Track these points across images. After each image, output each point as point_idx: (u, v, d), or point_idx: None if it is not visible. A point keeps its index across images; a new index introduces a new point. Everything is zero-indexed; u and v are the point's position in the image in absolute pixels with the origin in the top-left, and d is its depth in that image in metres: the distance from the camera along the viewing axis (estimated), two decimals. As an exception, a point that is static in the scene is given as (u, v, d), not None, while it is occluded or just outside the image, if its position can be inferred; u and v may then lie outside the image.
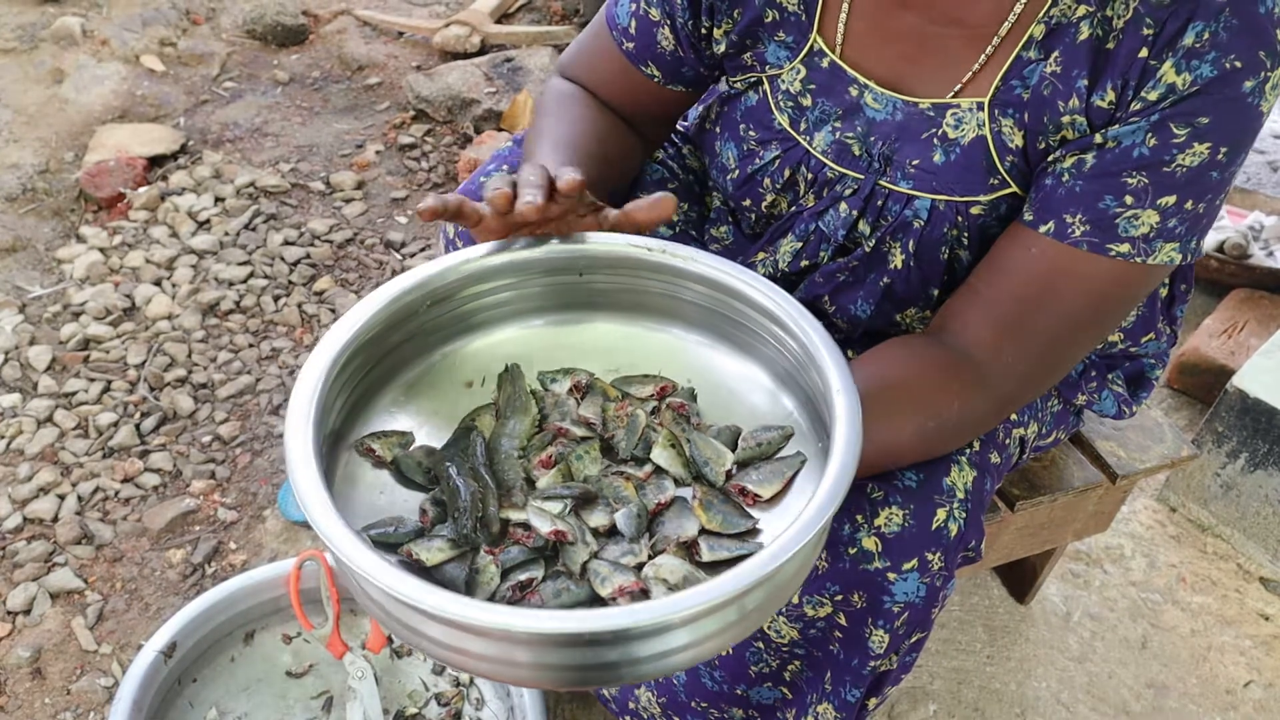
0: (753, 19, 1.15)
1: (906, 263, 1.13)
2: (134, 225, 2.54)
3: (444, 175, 2.74)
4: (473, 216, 0.96)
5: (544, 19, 3.33)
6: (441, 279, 0.98)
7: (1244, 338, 2.37)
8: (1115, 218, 0.99)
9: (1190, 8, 0.94)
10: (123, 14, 3.22)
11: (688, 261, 0.98)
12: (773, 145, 1.18)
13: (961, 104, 1.06)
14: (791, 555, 0.73)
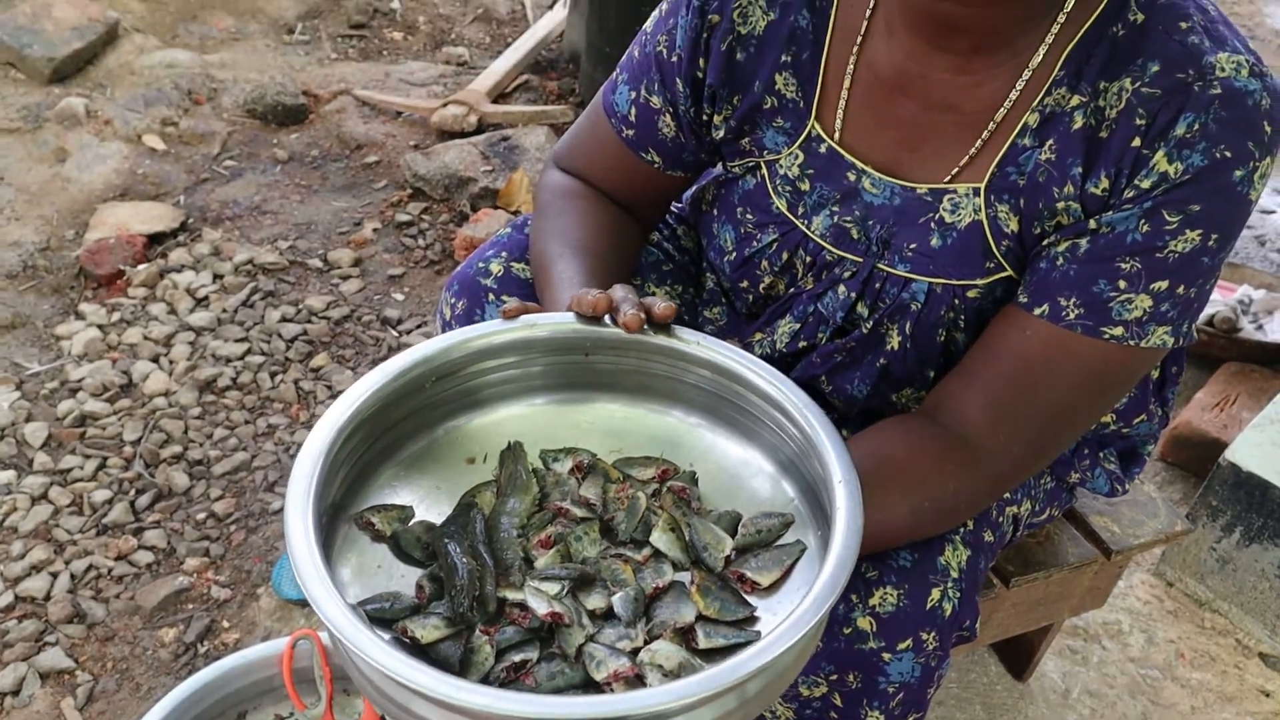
0: (752, 105, 1.17)
1: (903, 344, 1.15)
2: (133, 302, 2.56)
3: (440, 253, 2.77)
4: None
5: (540, 98, 3.39)
6: (446, 355, 0.99)
7: (1236, 411, 2.38)
8: (1109, 301, 1.01)
9: (1181, 100, 0.97)
10: (126, 94, 3.28)
11: (692, 345, 0.99)
12: (771, 229, 1.20)
13: (958, 189, 1.08)
14: (790, 645, 0.73)
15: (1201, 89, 0.96)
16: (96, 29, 3.40)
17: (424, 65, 3.62)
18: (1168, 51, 0.98)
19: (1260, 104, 0.97)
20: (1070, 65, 1.03)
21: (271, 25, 3.80)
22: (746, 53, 1.16)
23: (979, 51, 1.05)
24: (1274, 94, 0.98)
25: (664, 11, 1.22)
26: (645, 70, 1.23)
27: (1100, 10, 1.02)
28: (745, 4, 1.15)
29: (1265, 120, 0.97)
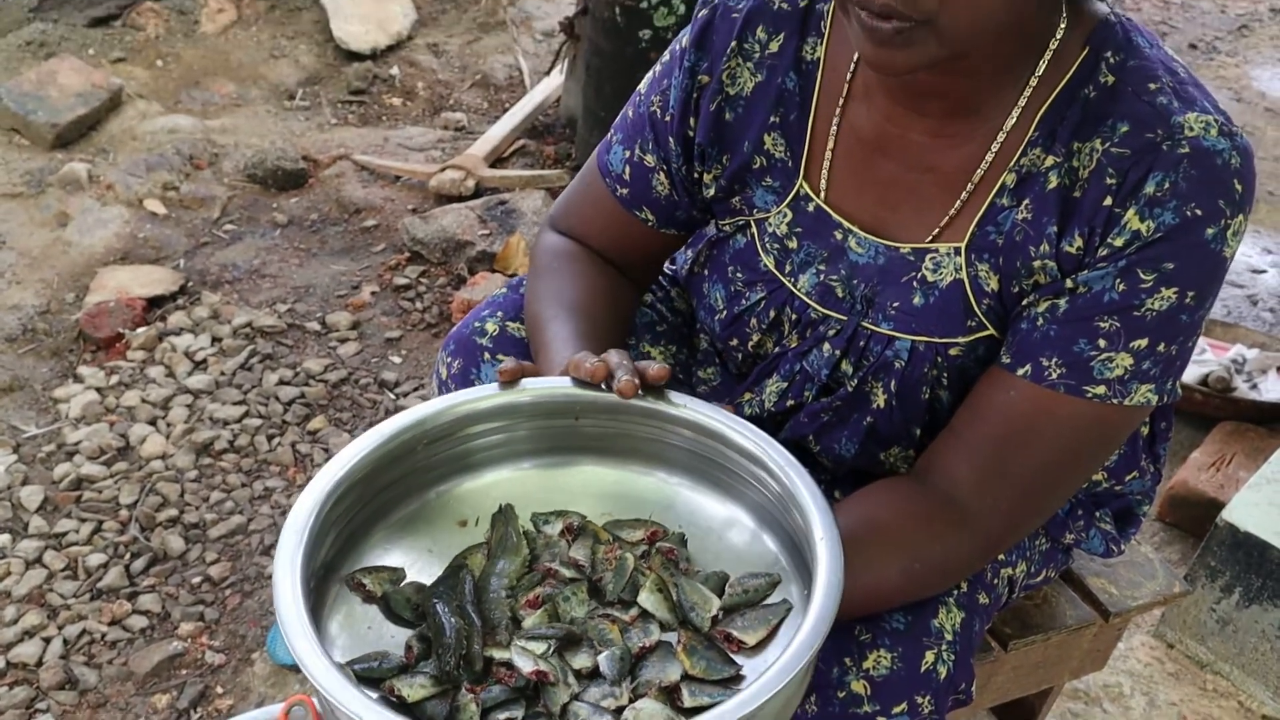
0: (741, 165, 1.19)
1: (889, 402, 1.15)
2: (131, 365, 2.57)
3: (438, 316, 2.79)
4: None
5: (537, 163, 3.44)
6: (437, 419, 1.00)
7: (1232, 470, 2.38)
8: (1090, 361, 1.02)
9: (1151, 159, 0.98)
10: (128, 159, 3.32)
11: (675, 407, 1.00)
12: (759, 287, 1.21)
13: (940, 248, 1.10)
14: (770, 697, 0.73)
15: (1170, 148, 0.98)
16: (100, 95, 3.45)
17: (422, 130, 3.67)
18: (1137, 112, 1.00)
19: (1230, 162, 0.98)
20: (1044, 126, 1.05)
21: (273, 91, 3.85)
22: (735, 113, 1.18)
23: (954, 115, 1.07)
24: (1243, 152, 1.00)
25: (657, 73, 1.25)
26: (639, 130, 1.26)
27: (1071, 73, 1.04)
28: (734, 66, 1.17)
29: (1235, 178, 0.98)
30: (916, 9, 0.90)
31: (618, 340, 1.25)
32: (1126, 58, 1.04)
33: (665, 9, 2.91)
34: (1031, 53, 1.05)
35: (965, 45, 0.95)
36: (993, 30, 0.96)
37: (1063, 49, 1.05)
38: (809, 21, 1.15)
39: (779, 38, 1.16)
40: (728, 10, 1.17)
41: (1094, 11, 1.07)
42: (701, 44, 1.18)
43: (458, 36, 4.23)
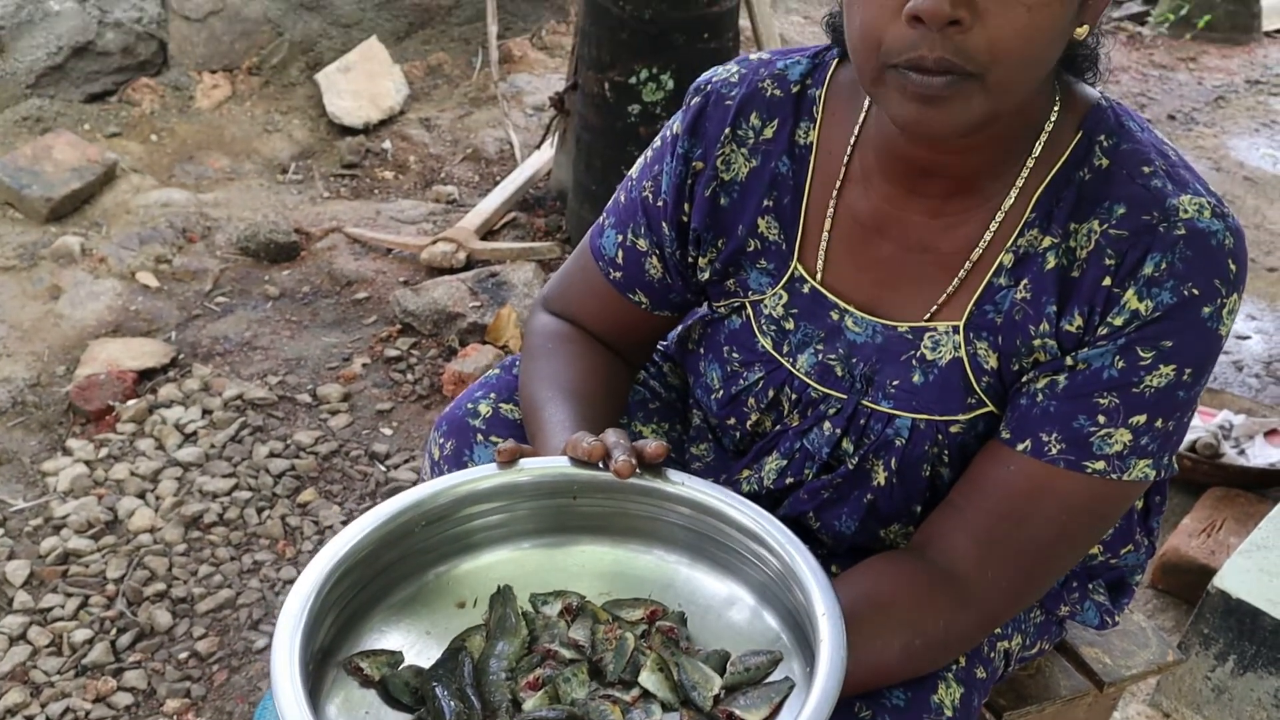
0: (736, 248, 1.21)
1: (889, 480, 1.16)
2: (121, 438, 2.56)
3: (429, 388, 2.79)
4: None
5: (528, 235, 3.47)
6: (435, 500, 1.00)
7: (1223, 536, 2.39)
8: (1089, 436, 1.03)
9: (1148, 240, 1.01)
10: (121, 232, 3.34)
11: (673, 485, 1.01)
12: (757, 367, 1.22)
13: (938, 327, 1.11)
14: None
15: (1166, 230, 1.01)
16: (95, 170, 3.48)
17: (414, 203, 3.70)
18: (1133, 195, 1.03)
19: (1224, 243, 1.01)
20: (1041, 208, 1.07)
21: (266, 165, 3.89)
22: (730, 198, 1.20)
23: (953, 195, 1.09)
24: (1236, 233, 1.02)
25: (649, 158, 1.27)
26: (632, 214, 1.27)
27: (1066, 156, 1.07)
28: (728, 152, 1.19)
29: (1229, 258, 1.01)
30: (970, 59, 0.92)
31: (613, 421, 1.25)
32: (1119, 141, 1.07)
33: (654, 85, 2.96)
34: (1027, 136, 1.08)
35: (1007, 102, 0.97)
36: (1030, 86, 0.98)
37: (1057, 132, 1.08)
38: (801, 106, 1.18)
39: (772, 124, 1.18)
40: (721, 97, 1.20)
41: (1085, 96, 1.10)
42: (695, 130, 1.20)
43: (449, 111, 4.30)
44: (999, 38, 0.92)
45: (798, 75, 1.19)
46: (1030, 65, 0.96)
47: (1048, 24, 0.93)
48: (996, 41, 0.92)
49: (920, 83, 0.94)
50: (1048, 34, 0.94)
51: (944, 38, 0.91)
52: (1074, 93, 1.10)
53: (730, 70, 1.22)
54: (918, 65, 0.93)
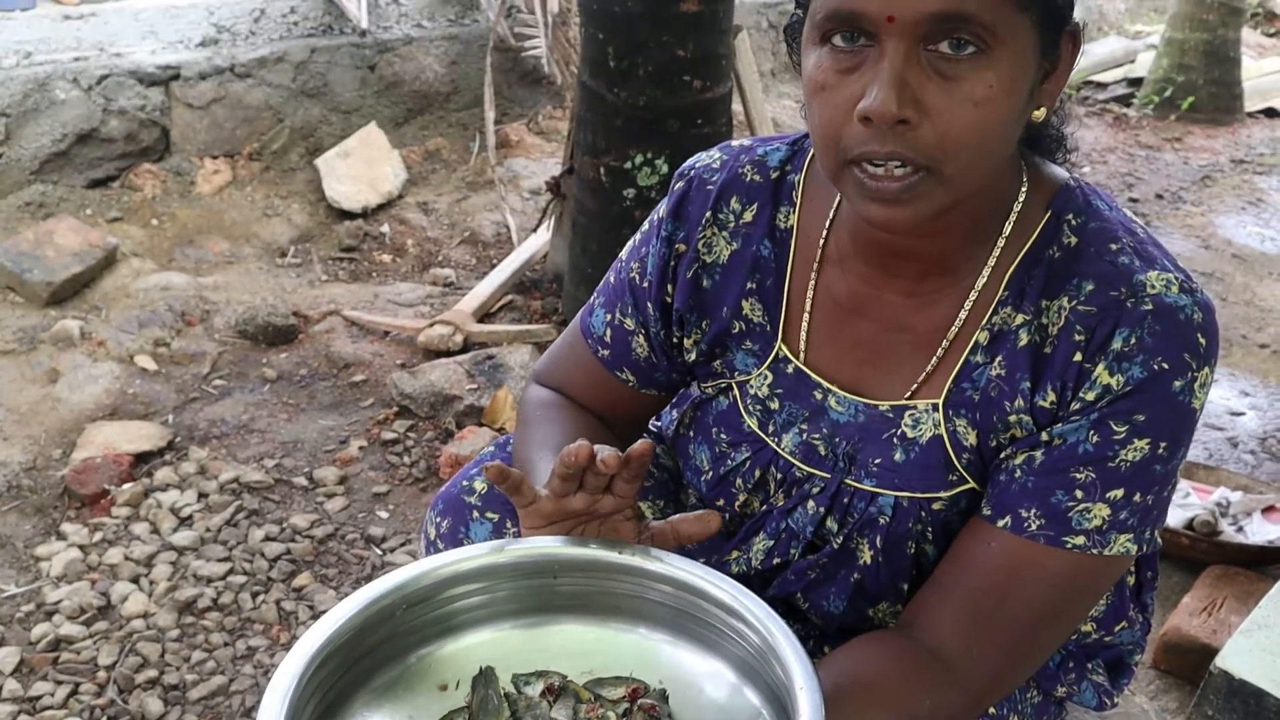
0: (721, 330, 1.23)
1: (875, 558, 1.16)
2: (116, 522, 2.56)
3: (425, 470, 2.79)
4: (528, 494, 1.03)
5: (524, 318, 3.50)
6: (417, 582, 1.01)
7: (1224, 615, 2.37)
8: (1068, 511, 1.04)
9: (1116, 315, 1.03)
10: (121, 316, 3.37)
11: (654, 562, 1.02)
12: (743, 447, 1.23)
13: (918, 405, 1.13)
14: None
15: (1134, 305, 1.03)
16: (96, 254, 3.53)
17: (412, 286, 3.74)
18: (1100, 271, 1.05)
19: (1193, 318, 1.03)
20: (1013, 286, 1.09)
21: (265, 249, 3.94)
22: (712, 280, 1.23)
23: (927, 275, 1.12)
24: (1204, 308, 1.04)
25: (637, 241, 1.30)
26: (620, 295, 1.30)
27: (1036, 235, 1.10)
28: (710, 235, 1.22)
29: (1199, 332, 1.03)
30: (921, 153, 0.95)
31: None
32: (1087, 220, 1.09)
33: (649, 169, 3.01)
34: (997, 216, 1.10)
35: (965, 190, 1.00)
36: (987, 174, 1.01)
37: (1026, 212, 1.10)
38: (780, 191, 1.21)
39: (752, 208, 1.21)
40: (703, 182, 1.23)
41: (1053, 176, 1.13)
42: (678, 214, 1.24)
43: (447, 195, 4.36)
44: (948, 133, 0.95)
45: (777, 161, 1.22)
46: (983, 155, 0.99)
47: (996, 116, 0.96)
48: (946, 136, 0.95)
49: (877, 189, 0.98)
50: (997, 126, 0.97)
51: (895, 135, 0.95)
52: (1042, 173, 1.13)
53: (712, 156, 1.25)
54: (871, 158, 0.97)
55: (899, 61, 0.94)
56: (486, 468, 1.01)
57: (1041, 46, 0.99)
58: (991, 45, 0.94)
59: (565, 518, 1.05)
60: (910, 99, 0.94)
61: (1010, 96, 0.97)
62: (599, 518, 1.05)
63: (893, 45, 0.94)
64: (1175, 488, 1.10)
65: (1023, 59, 0.97)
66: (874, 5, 0.93)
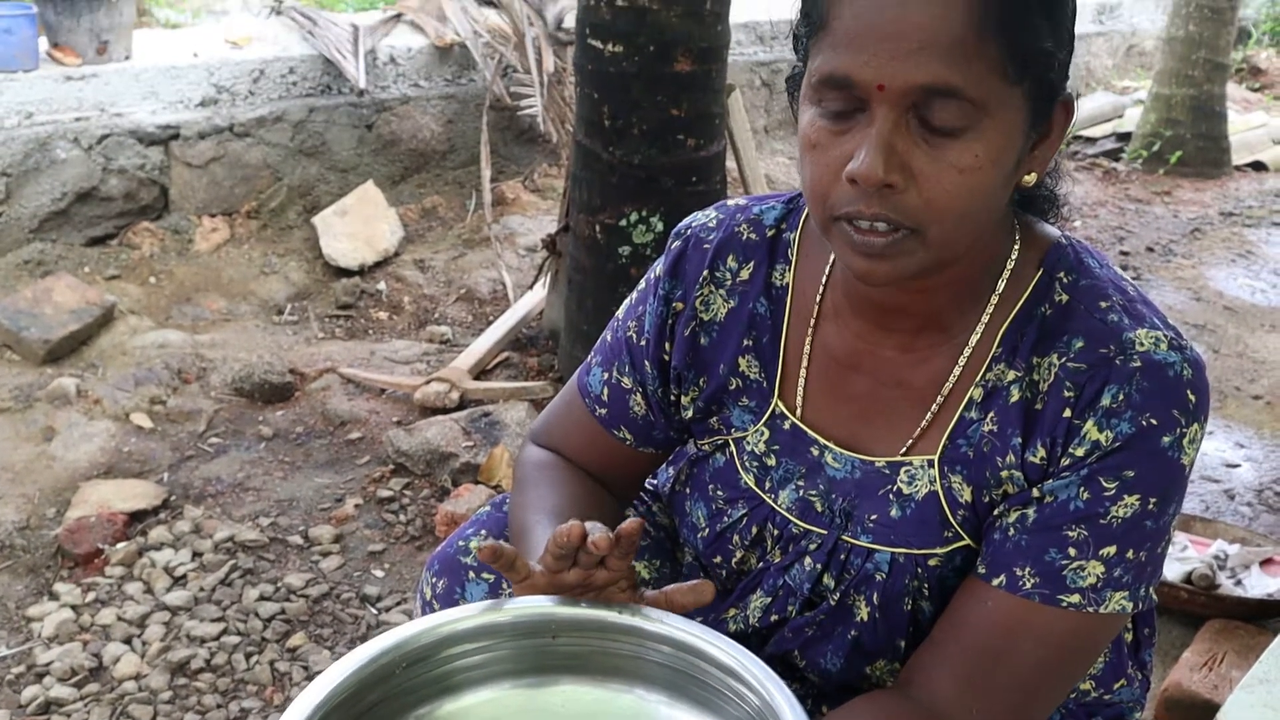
0: (718, 387, 1.24)
1: (872, 615, 1.16)
2: (109, 581, 2.54)
3: (421, 529, 2.78)
4: (522, 570, 1.03)
5: (520, 375, 3.50)
6: (415, 641, 1.01)
7: (1225, 670, 2.36)
8: (1062, 569, 1.04)
9: (1105, 372, 1.04)
10: (117, 374, 3.37)
11: (653, 623, 1.02)
12: (740, 504, 1.24)
13: (913, 461, 1.13)
14: None
15: (1123, 362, 1.04)
16: (93, 312, 3.53)
17: (408, 343, 3.75)
18: (1090, 328, 1.07)
19: (1182, 374, 1.04)
20: (1006, 342, 1.11)
21: (262, 306, 3.95)
22: (709, 338, 1.24)
23: (922, 331, 1.13)
24: (1195, 365, 1.05)
25: (634, 300, 1.31)
26: (617, 353, 1.31)
27: (1029, 292, 1.11)
28: (707, 293, 1.23)
29: (1188, 389, 1.04)
30: (906, 216, 0.98)
31: None
32: (1079, 278, 1.11)
33: (644, 227, 3.04)
34: (991, 274, 1.12)
35: (950, 252, 1.02)
36: (971, 235, 1.03)
37: (1019, 269, 1.12)
38: (776, 249, 1.22)
39: (749, 266, 1.22)
40: (699, 241, 1.25)
41: (1045, 235, 1.15)
42: (675, 273, 1.25)
43: (443, 252, 4.38)
44: (933, 198, 0.97)
45: (772, 220, 1.24)
46: (967, 220, 1.01)
47: (981, 184, 0.98)
48: (931, 201, 0.97)
49: (862, 243, 1.00)
50: (982, 193, 0.99)
51: (881, 198, 0.97)
52: (1034, 231, 1.15)
53: (709, 215, 1.27)
54: (858, 217, 0.99)
55: (887, 127, 0.96)
56: (479, 549, 1.01)
57: (1032, 117, 1.01)
58: (980, 117, 0.96)
59: (560, 591, 1.05)
60: (897, 164, 0.96)
61: (996, 166, 0.99)
62: (594, 589, 1.05)
63: (882, 112, 0.96)
64: (1169, 544, 1.10)
65: (1011, 130, 0.99)
66: (865, 73, 0.96)
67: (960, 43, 0.94)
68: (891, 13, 0.94)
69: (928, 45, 0.94)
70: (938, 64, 0.94)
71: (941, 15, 0.94)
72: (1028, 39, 0.97)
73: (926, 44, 0.94)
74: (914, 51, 0.94)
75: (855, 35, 0.96)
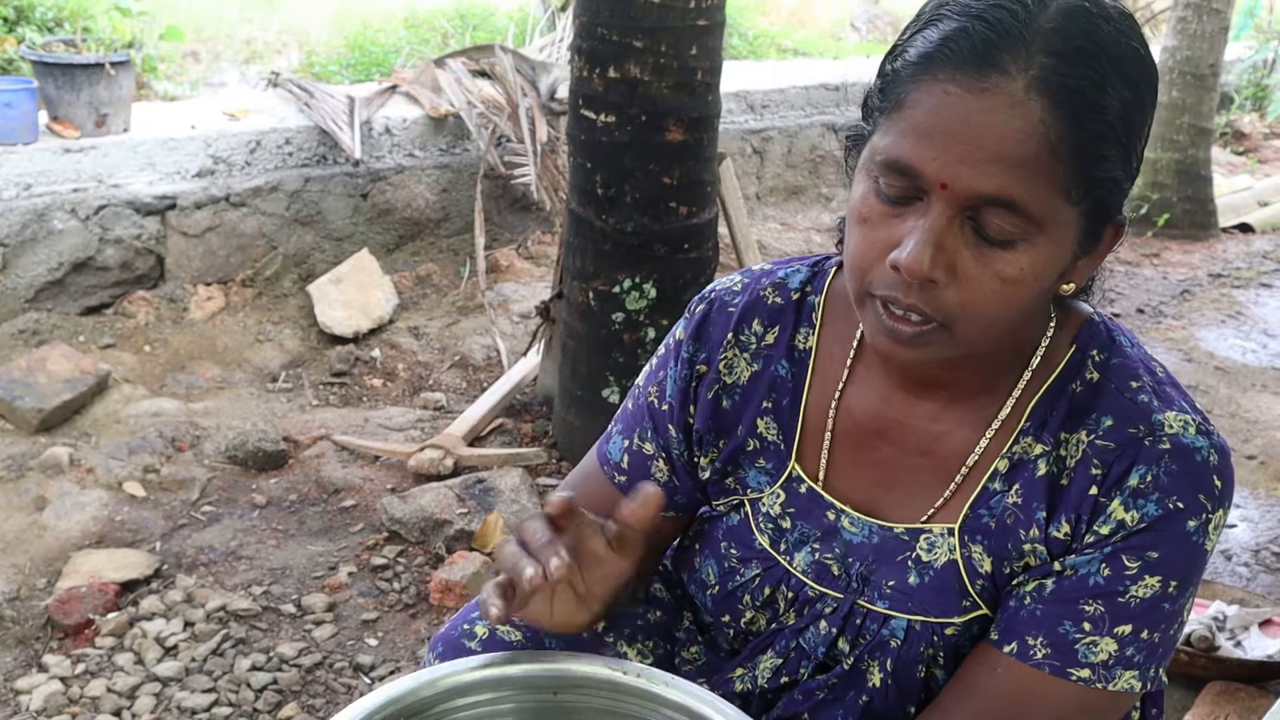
0: (736, 448, 1.24)
1: (885, 681, 1.16)
2: (99, 652, 2.51)
3: (415, 596, 2.76)
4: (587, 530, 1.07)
5: (515, 441, 3.50)
6: (415, 694, 1.00)
7: (1228, 735, 2.33)
8: (1075, 643, 1.05)
9: (1134, 453, 1.04)
10: (111, 442, 3.36)
11: (660, 686, 1.01)
12: (754, 564, 1.23)
13: (934, 529, 1.14)
14: None
15: (1152, 444, 1.04)
16: (87, 380, 3.53)
17: (402, 410, 3.75)
18: (1120, 408, 1.07)
19: (1209, 460, 1.04)
20: (1035, 417, 1.11)
21: (256, 374, 3.96)
22: (732, 400, 1.25)
23: (953, 402, 1.14)
24: (1221, 451, 1.06)
25: (654, 365, 1.32)
26: (639, 420, 1.31)
27: (1061, 368, 1.12)
28: (731, 356, 1.24)
29: (1214, 474, 1.04)
30: (940, 312, 0.99)
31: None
32: (1110, 356, 1.12)
33: (637, 294, 3.06)
34: (1025, 350, 1.12)
35: (976, 348, 1.03)
36: (998, 337, 1.04)
37: (1053, 346, 1.13)
38: (801, 313, 1.23)
39: (774, 330, 1.23)
40: (724, 305, 1.25)
41: (1079, 311, 1.16)
42: (699, 336, 1.25)
43: (438, 319, 4.40)
44: (971, 300, 0.98)
45: (798, 283, 1.24)
46: (1000, 325, 1.02)
47: (1021, 295, 0.99)
48: (968, 303, 0.98)
49: (891, 327, 1.01)
50: (1020, 302, 1.00)
51: (919, 290, 0.98)
52: (1069, 308, 1.15)
53: (734, 280, 1.28)
54: (891, 303, 1.00)
55: (941, 224, 0.96)
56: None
57: (1084, 236, 1.02)
58: (1033, 232, 0.97)
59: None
60: (944, 262, 0.97)
61: (1039, 280, 1.00)
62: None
63: (939, 209, 0.96)
64: (1182, 627, 1.10)
65: (1061, 247, 1.00)
66: (932, 168, 0.96)
67: (1032, 159, 0.94)
68: (973, 117, 0.94)
69: (1000, 157, 0.94)
70: (1005, 176, 0.94)
71: (1020, 130, 0.94)
72: (1097, 166, 0.97)
73: (999, 155, 0.94)
74: (985, 160, 0.94)
75: (930, 129, 0.96)
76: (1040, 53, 0.94)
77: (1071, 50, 0.94)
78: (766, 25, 8.36)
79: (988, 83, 0.94)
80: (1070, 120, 0.94)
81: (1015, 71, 0.94)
